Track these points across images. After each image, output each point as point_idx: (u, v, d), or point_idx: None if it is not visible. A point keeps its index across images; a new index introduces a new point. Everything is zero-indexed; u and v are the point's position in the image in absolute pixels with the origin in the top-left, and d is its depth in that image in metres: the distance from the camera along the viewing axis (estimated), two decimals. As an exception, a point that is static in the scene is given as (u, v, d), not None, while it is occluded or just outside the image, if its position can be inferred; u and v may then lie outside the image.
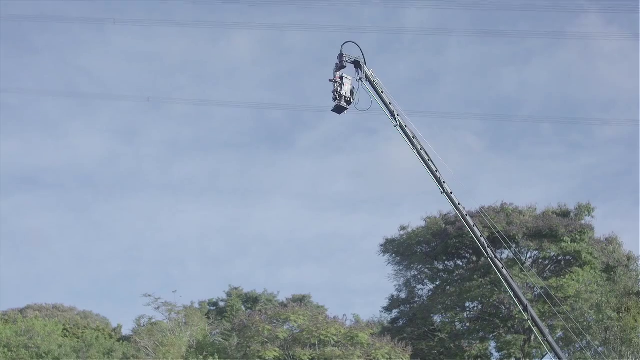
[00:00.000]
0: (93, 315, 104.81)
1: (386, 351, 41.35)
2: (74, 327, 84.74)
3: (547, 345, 18.87)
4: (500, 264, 18.57)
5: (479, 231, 18.31)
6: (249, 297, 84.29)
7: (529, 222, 57.15)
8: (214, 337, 54.28)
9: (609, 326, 35.97)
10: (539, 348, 54.25)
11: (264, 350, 40.15)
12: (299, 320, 41.77)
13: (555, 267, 59.07)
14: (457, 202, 18.01)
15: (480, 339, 58.11)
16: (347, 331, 41.96)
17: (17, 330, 67.72)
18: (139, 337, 50.51)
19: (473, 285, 55.81)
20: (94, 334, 75.82)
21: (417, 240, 62.51)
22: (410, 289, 65.81)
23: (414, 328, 61.29)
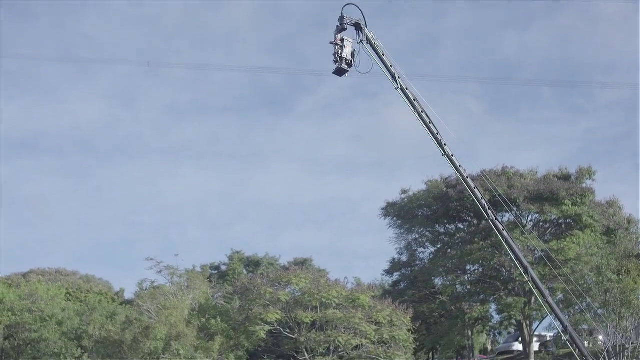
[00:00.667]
0: (95, 279, 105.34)
1: (387, 313, 41.61)
2: (76, 291, 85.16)
3: (548, 306, 18.98)
4: (501, 226, 18.63)
5: (479, 193, 18.34)
6: (251, 261, 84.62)
7: (530, 186, 57.18)
8: (216, 300, 54.58)
9: (608, 288, 36.11)
10: (539, 310, 54.56)
11: (266, 313, 40.43)
12: (300, 283, 41.99)
13: (556, 230, 59.21)
14: (458, 164, 18.03)
15: (481, 302, 58.42)
16: (348, 294, 42.21)
17: (20, 295, 68.05)
18: (142, 300, 50.77)
19: (474, 248, 55.99)
20: (97, 297, 76.24)
21: (418, 204, 62.60)
22: (412, 252, 66.08)
23: (415, 291, 61.65)
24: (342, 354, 41.35)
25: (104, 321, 56.19)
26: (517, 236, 47.50)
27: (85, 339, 56.83)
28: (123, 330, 43.26)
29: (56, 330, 58.66)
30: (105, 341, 44.30)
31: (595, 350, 34.90)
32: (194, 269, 64.47)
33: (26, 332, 60.29)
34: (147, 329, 41.06)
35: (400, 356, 40.97)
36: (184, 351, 39.34)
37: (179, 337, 40.09)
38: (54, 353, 57.33)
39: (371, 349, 40.59)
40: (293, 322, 41.62)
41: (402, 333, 41.73)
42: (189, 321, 42.53)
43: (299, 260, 73.69)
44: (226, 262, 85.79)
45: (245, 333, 41.92)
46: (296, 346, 42.05)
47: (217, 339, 40.92)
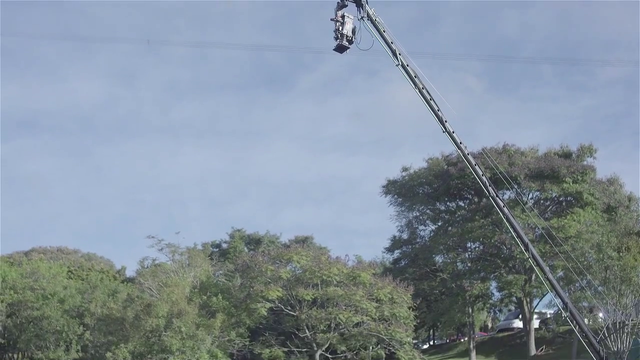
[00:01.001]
0: (97, 257, 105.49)
1: (388, 291, 41.74)
2: (78, 269, 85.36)
3: (548, 283, 19.03)
4: (502, 203, 18.63)
5: (480, 170, 18.33)
6: (252, 239, 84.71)
7: (530, 163, 57.17)
8: (217, 277, 54.74)
9: (609, 265, 36.16)
10: (539, 288, 54.73)
11: (267, 290, 40.54)
12: (301, 260, 42.08)
13: (556, 207, 59.29)
14: (459, 141, 18.00)
15: (482, 279, 58.55)
16: (349, 271, 42.31)
17: (22, 273, 68.20)
18: (143, 278, 50.93)
19: (474, 226, 56.07)
20: (99, 275, 76.43)
21: (418, 182, 62.63)
22: (412, 229, 66.16)
23: (416, 268, 61.79)
24: (343, 331, 41.53)
25: (106, 299, 56.39)
26: (517, 214, 47.58)
27: (87, 316, 57.06)
28: (125, 308, 43.43)
29: (58, 308, 58.87)
30: (107, 318, 44.47)
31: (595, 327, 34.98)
32: (195, 246, 64.59)
33: (28, 309, 60.50)
34: (148, 307, 41.20)
35: (401, 333, 41.12)
36: (186, 328, 39.49)
37: (180, 314, 40.22)
38: (56, 330, 57.60)
39: (372, 326, 40.75)
40: (294, 300, 41.75)
41: (403, 310, 41.88)
42: (190, 299, 42.67)
43: (300, 238, 73.87)
44: (227, 240, 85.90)
45: (247, 310, 42.06)
46: (297, 323, 42.21)
47: (219, 316, 41.07)
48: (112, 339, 42.60)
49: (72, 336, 57.89)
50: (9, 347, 73.12)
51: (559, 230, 48.47)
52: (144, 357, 40.20)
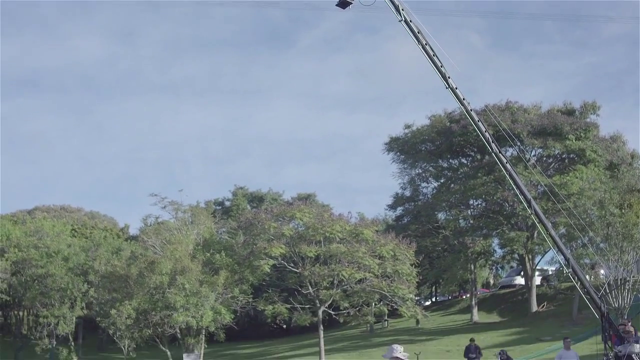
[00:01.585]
0: (100, 215, 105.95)
1: (390, 247, 41.84)
2: (82, 227, 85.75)
3: (550, 240, 19.06)
4: (505, 159, 18.60)
5: (483, 126, 18.28)
6: (254, 196, 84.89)
7: (533, 120, 57.04)
8: (220, 235, 54.89)
9: (611, 222, 36.21)
10: (541, 245, 54.92)
11: (270, 247, 40.64)
12: (304, 218, 42.12)
13: (559, 164, 59.28)
14: (462, 97, 17.92)
15: (484, 236, 58.74)
16: (352, 228, 42.38)
17: (26, 231, 68.44)
18: (147, 235, 51.11)
19: (477, 183, 56.10)
20: (102, 233, 76.78)
21: (421, 139, 62.56)
22: (415, 187, 66.25)
23: (418, 225, 61.96)
24: (346, 288, 41.73)
25: (110, 256, 56.66)
26: (520, 171, 47.55)
27: (91, 274, 57.41)
28: (128, 265, 43.62)
29: (62, 266, 59.19)
30: (111, 276, 44.69)
31: (596, 283, 35.14)
32: (198, 204, 64.75)
33: (33, 267, 60.83)
34: (152, 264, 41.39)
35: (404, 289, 41.32)
36: (189, 285, 39.70)
37: (184, 271, 40.41)
38: (60, 288, 57.94)
39: (375, 283, 40.93)
40: (297, 257, 41.91)
41: (406, 267, 42.02)
42: (194, 256, 42.84)
43: (303, 195, 73.99)
44: (230, 198, 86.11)
45: (250, 267, 42.23)
46: (300, 280, 42.41)
47: (222, 273, 41.26)
48: (116, 296, 42.86)
49: (77, 293, 58.27)
50: (15, 305, 73.71)
51: (562, 187, 48.47)
52: (148, 314, 40.50)
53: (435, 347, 48.63)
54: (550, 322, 52.77)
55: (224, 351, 62.80)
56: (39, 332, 61.66)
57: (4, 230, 68.62)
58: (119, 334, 43.43)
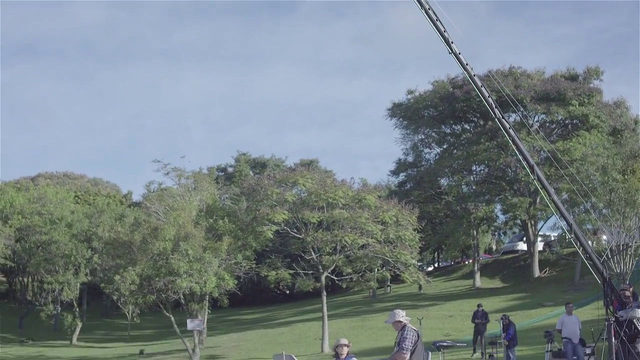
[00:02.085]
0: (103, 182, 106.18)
1: (393, 213, 41.83)
2: (85, 194, 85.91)
3: (553, 205, 19.01)
4: (508, 125, 18.51)
5: (486, 91, 18.19)
6: (257, 162, 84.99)
7: (537, 86, 56.88)
8: (223, 201, 54.99)
9: (613, 188, 36.15)
10: (544, 210, 55.02)
11: (273, 213, 40.64)
12: (307, 183, 42.05)
13: (562, 130, 59.21)
14: (465, 62, 17.81)
15: (486, 202, 58.84)
16: (354, 194, 42.33)
17: (29, 198, 68.64)
18: (150, 202, 51.18)
19: (480, 149, 56.08)
20: (105, 200, 76.95)
21: (424, 104, 62.46)
22: (417, 152, 66.28)
23: (421, 191, 62.05)
24: (349, 253, 41.80)
25: (113, 223, 56.79)
26: (523, 136, 47.52)
27: (95, 240, 57.64)
28: (132, 232, 43.66)
29: (66, 233, 59.40)
30: (115, 242, 44.74)
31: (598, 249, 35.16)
32: (201, 171, 64.82)
33: (37, 234, 61.07)
34: (155, 230, 41.43)
35: (406, 255, 41.38)
36: (193, 251, 39.78)
37: (187, 237, 40.47)
38: (64, 254, 58.21)
39: (377, 248, 40.97)
40: (300, 222, 41.93)
41: (408, 232, 42.03)
42: (197, 222, 42.88)
43: (305, 161, 73.98)
44: (232, 164, 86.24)
45: (253, 233, 42.28)
46: (303, 246, 42.49)
47: (225, 239, 41.33)
48: (120, 262, 42.96)
49: (81, 260, 58.56)
50: (19, 271, 74.18)
51: (565, 153, 48.46)
52: (151, 280, 40.63)
53: (437, 312, 48.91)
54: (552, 287, 53.03)
55: (228, 317, 63.23)
56: (43, 298, 62.09)
57: (8, 197, 68.83)
58: (123, 300, 43.64)
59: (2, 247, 60.79)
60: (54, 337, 62.83)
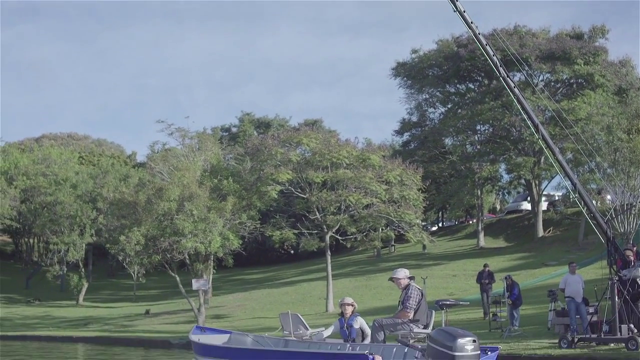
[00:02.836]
0: (107, 143, 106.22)
1: (397, 173, 41.80)
2: (89, 155, 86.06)
3: (558, 164, 18.96)
4: (512, 84, 18.42)
5: (491, 50, 18.07)
6: (261, 122, 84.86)
7: (542, 45, 56.51)
8: (227, 161, 54.98)
9: (618, 147, 36.00)
10: (548, 170, 54.97)
11: (277, 173, 40.64)
12: (311, 143, 41.97)
13: (567, 89, 58.92)
14: (470, 21, 17.67)
15: (491, 161, 58.80)
16: (358, 154, 42.28)
17: (34, 159, 68.77)
18: (154, 162, 51.19)
19: (484, 108, 55.89)
20: (110, 160, 77.10)
21: (428, 64, 62.19)
22: (422, 112, 66.13)
23: (425, 151, 62.00)
24: (353, 213, 41.87)
25: (117, 183, 57.00)
26: (528, 96, 47.29)
27: (100, 201, 57.83)
28: (136, 192, 43.72)
29: (71, 193, 59.63)
30: (119, 203, 44.83)
31: (603, 208, 35.19)
32: (205, 131, 64.78)
33: (42, 195, 61.32)
34: (160, 190, 41.47)
35: (410, 215, 41.42)
36: (197, 211, 39.87)
37: (191, 197, 40.53)
38: (69, 215, 58.46)
39: (381, 208, 41.00)
40: (304, 182, 41.94)
41: (412, 192, 42.04)
42: (201, 182, 42.91)
43: (309, 121, 73.92)
44: (236, 124, 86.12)
45: (257, 193, 42.32)
46: (307, 205, 42.54)
47: (230, 199, 41.39)
48: (125, 223, 43.07)
49: (86, 220, 58.82)
50: (25, 232, 74.58)
51: (569, 113, 48.23)
52: (156, 240, 40.75)
53: (441, 271, 49.12)
54: (556, 247, 53.16)
55: (233, 277, 63.60)
56: (49, 259, 62.53)
57: (12, 159, 68.99)
58: (128, 260, 43.85)
59: (8, 208, 61.05)
60: (60, 297, 63.34)
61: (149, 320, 47.72)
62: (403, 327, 13.12)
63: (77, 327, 47.15)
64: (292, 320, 15.36)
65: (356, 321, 14.23)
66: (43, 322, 51.00)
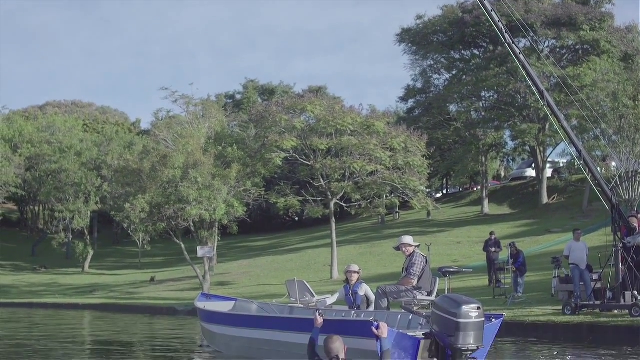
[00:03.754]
0: (111, 110, 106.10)
1: (402, 140, 41.74)
2: (93, 122, 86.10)
3: (562, 131, 18.90)
4: (518, 50, 18.32)
5: (497, 16, 17.94)
6: (265, 89, 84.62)
7: (547, 10, 56.06)
8: (231, 128, 54.95)
9: (624, 114, 35.85)
10: (553, 137, 54.82)
11: (282, 140, 40.58)
12: (315, 110, 41.87)
13: (572, 56, 58.55)
14: (476, -13, 17.55)
15: (495, 128, 58.66)
16: (363, 120, 42.18)
17: (38, 127, 68.87)
18: (158, 130, 51.22)
19: (489, 75, 55.61)
20: (114, 128, 77.12)
21: (433, 30, 61.82)
22: (426, 78, 65.86)
23: (430, 117, 61.87)
24: (357, 180, 41.86)
25: (122, 151, 57.07)
26: (533, 62, 47.01)
27: (104, 168, 57.96)
28: (141, 160, 43.77)
29: (75, 161, 59.72)
30: (124, 170, 44.93)
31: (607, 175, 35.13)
32: (209, 98, 64.63)
33: (46, 163, 61.45)
34: (164, 158, 41.50)
35: (415, 181, 41.42)
36: (202, 179, 39.91)
37: (196, 165, 40.56)
38: (74, 183, 58.60)
39: (386, 175, 40.98)
40: (308, 149, 41.89)
41: (417, 159, 41.99)
42: (206, 149, 42.92)
43: (314, 88, 73.64)
44: (241, 91, 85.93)
45: (262, 160, 42.31)
46: (312, 173, 42.54)
47: (234, 167, 41.42)
48: (129, 190, 43.18)
49: (91, 188, 58.96)
50: (30, 200, 74.90)
51: (575, 79, 47.97)
52: (161, 208, 40.85)
53: (446, 238, 49.21)
54: (560, 214, 53.17)
55: (237, 244, 63.80)
56: (55, 227, 62.83)
57: (17, 126, 69.05)
58: (134, 228, 44.00)
59: (13, 176, 61.20)
60: (66, 264, 63.71)
61: (154, 288, 48.00)
62: (406, 294, 13.17)
63: (83, 294, 47.47)
64: (298, 287, 15.45)
65: (361, 288, 14.31)
66: (49, 289, 51.34)
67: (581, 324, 17.25)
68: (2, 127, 67.00)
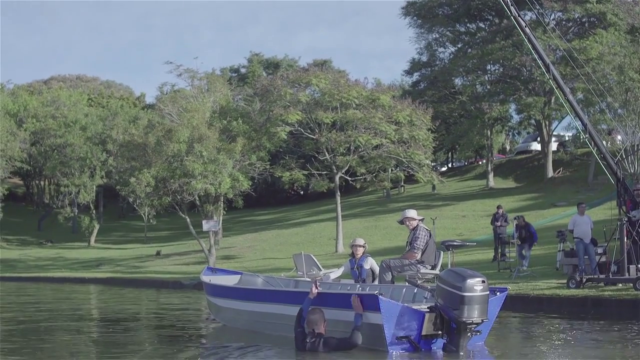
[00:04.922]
0: (116, 84, 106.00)
1: (407, 113, 41.65)
2: (98, 97, 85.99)
3: (568, 104, 18.85)
4: (523, 23, 18.23)
5: (502, -11, 17.85)
6: (270, 63, 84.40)
7: (554, -18, 55.68)
8: (236, 102, 54.86)
9: (630, 87, 35.68)
10: (558, 110, 54.66)
11: (287, 114, 40.53)
12: (320, 84, 41.75)
13: (578, 29, 58.18)
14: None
15: (501, 101, 58.49)
16: (368, 94, 42.06)
17: (43, 101, 68.81)
18: (163, 104, 51.14)
19: (495, 48, 55.32)
20: (119, 102, 77.05)
21: (438, 2, 61.53)
22: (432, 52, 65.61)
23: (435, 91, 61.73)
24: (362, 154, 41.85)
25: (127, 125, 57.02)
26: (539, 35, 46.72)
27: (110, 143, 58.00)
28: (146, 134, 43.80)
29: (80, 136, 59.78)
30: (129, 145, 44.98)
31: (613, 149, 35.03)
32: (214, 72, 64.47)
33: (51, 137, 61.52)
34: (169, 132, 41.54)
35: (420, 155, 41.40)
36: (207, 153, 39.95)
37: (201, 139, 40.59)
38: (79, 157, 58.72)
39: (391, 148, 40.97)
40: (313, 123, 41.84)
41: (422, 132, 41.93)
42: (211, 123, 42.90)
43: (318, 61, 73.38)
44: (245, 65, 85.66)
45: (267, 134, 42.31)
46: (317, 146, 42.52)
47: (239, 141, 41.44)
48: (134, 165, 43.26)
49: (96, 162, 59.08)
50: (36, 175, 75.04)
51: (581, 52, 47.70)
52: (166, 182, 40.96)
53: (451, 212, 49.23)
54: (565, 187, 53.11)
55: (243, 217, 63.94)
56: (60, 201, 63.06)
57: (21, 101, 69.03)
58: (139, 202, 44.16)
59: (18, 150, 61.27)
60: (72, 239, 64.01)
61: (159, 261, 48.18)
62: (410, 267, 13.20)
63: (89, 268, 47.69)
64: (305, 260, 15.50)
65: (366, 262, 14.36)
66: (55, 263, 51.56)
67: (585, 298, 17.30)
68: (6, 102, 66.96)
